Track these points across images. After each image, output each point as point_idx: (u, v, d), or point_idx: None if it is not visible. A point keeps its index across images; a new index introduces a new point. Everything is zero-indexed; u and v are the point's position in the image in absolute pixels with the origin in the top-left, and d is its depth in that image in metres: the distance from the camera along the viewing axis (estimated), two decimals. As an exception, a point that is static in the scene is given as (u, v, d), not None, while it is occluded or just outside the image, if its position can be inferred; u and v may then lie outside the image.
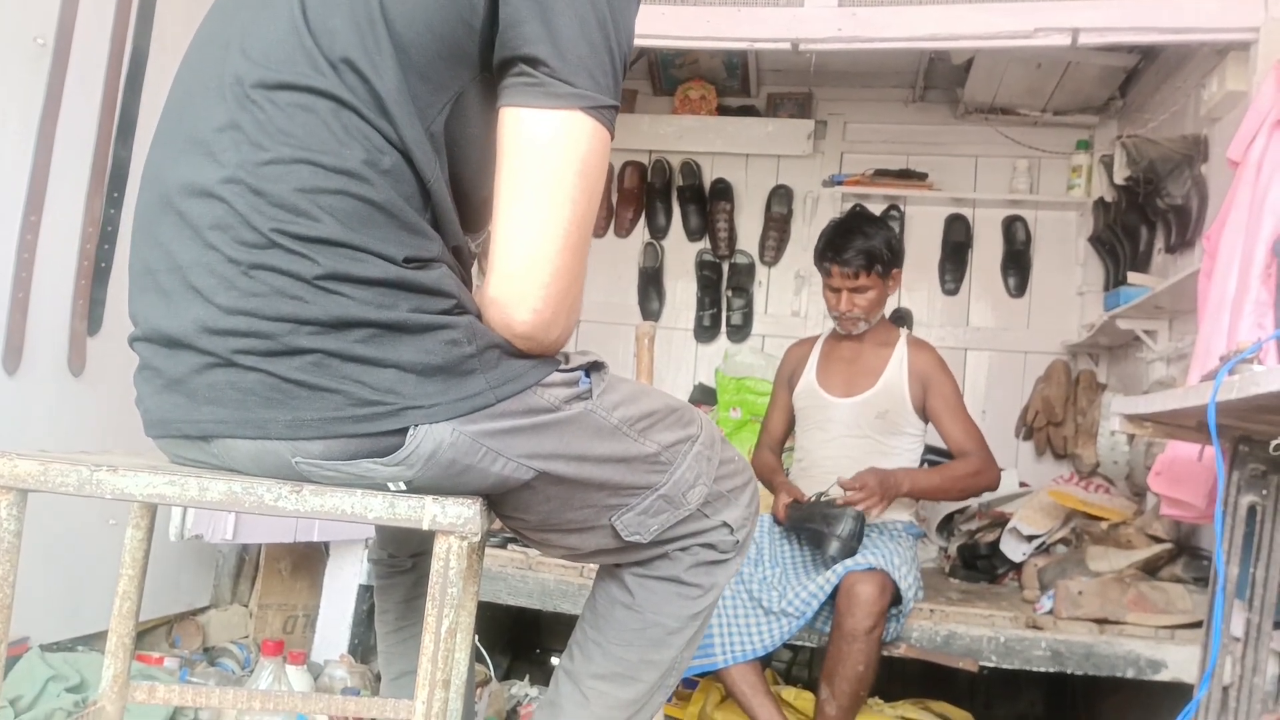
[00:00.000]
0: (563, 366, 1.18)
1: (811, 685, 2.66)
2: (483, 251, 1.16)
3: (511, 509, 1.24)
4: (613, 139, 1.11)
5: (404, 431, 1.07)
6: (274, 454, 1.10)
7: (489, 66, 1.09)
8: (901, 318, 4.24)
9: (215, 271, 1.06)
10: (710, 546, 1.33)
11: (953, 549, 3.40)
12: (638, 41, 3.40)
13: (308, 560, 3.01)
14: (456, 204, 1.14)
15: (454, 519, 1.10)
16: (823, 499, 2.63)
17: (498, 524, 1.29)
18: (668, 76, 4.48)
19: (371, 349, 1.05)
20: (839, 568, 2.45)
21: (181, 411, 1.12)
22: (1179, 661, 2.42)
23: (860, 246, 2.72)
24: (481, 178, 1.16)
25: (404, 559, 1.60)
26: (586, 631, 1.36)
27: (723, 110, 4.48)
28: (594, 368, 1.22)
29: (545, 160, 1.06)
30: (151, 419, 1.17)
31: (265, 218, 1.04)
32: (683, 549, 1.32)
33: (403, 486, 1.11)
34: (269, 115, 1.05)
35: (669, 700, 2.11)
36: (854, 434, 2.81)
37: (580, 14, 1.05)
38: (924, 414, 2.83)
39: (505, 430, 1.12)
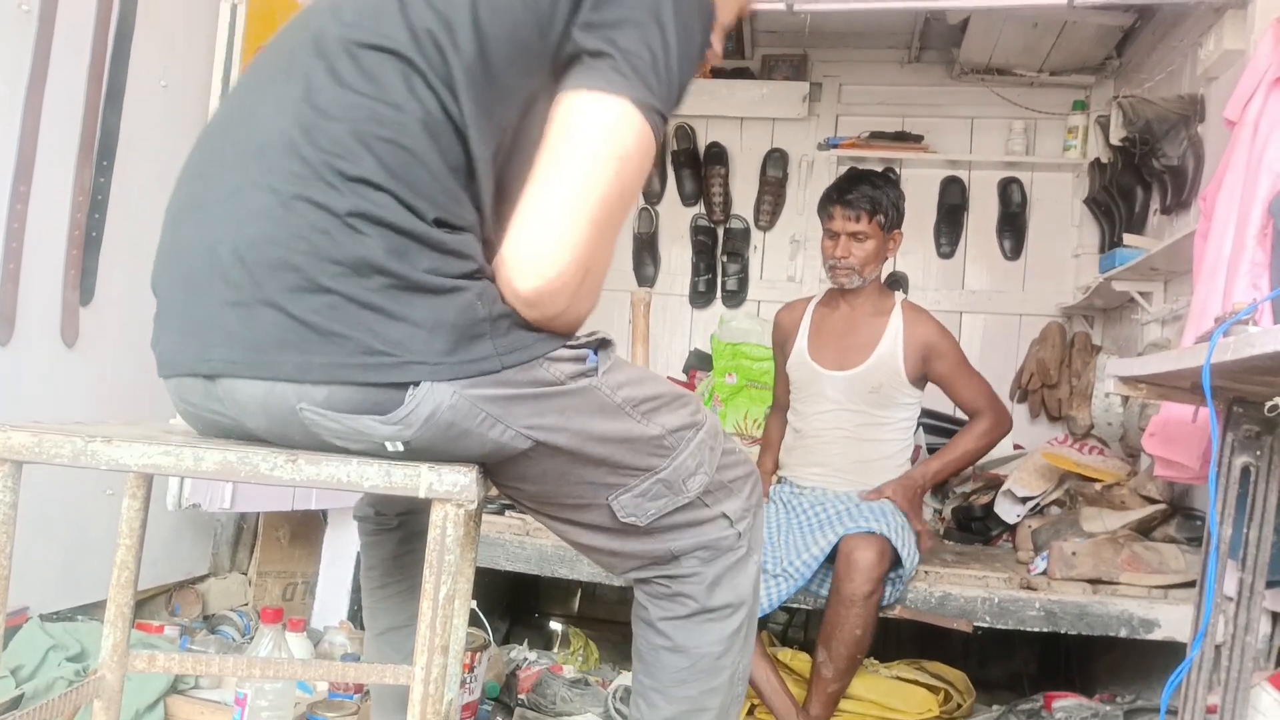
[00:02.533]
0: (571, 343, 1.19)
1: (808, 646, 2.69)
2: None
3: (509, 479, 1.25)
4: (656, 149, 1.16)
5: (405, 389, 1.09)
6: (280, 398, 1.11)
7: (558, 74, 1.15)
8: (897, 281, 4.23)
9: (255, 202, 1.10)
10: (709, 549, 1.35)
11: (947, 511, 3.42)
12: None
13: (306, 528, 3.02)
14: (497, 202, 1.17)
15: (450, 487, 1.10)
16: None
17: (495, 491, 1.30)
18: (661, 39, 4.44)
19: (387, 300, 1.07)
20: (839, 529, 2.46)
21: (194, 350, 1.15)
22: (1172, 621, 2.44)
23: (867, 192, 2.70)
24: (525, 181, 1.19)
25: (390, 517, 1.61)
26: (642, 681, 1.40)
27: (716, 73, 4.43)
28: (602, 345, 1.23)
29: (588, 140, 1.10)
30: (165, 359, 1.21)
31: (317, 151, 1.08)
32: (684, 551, 1.33)
33: (399, 447, 1.12)
34: (344, 65, 1.11)
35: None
36: (847, 407, 2.77)
37: (647, 29, 1.12)
38: (921, 383, 2.81)
39: (507, 397, 1.13)
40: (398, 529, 1.60)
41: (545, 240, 1.09)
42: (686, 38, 1.15)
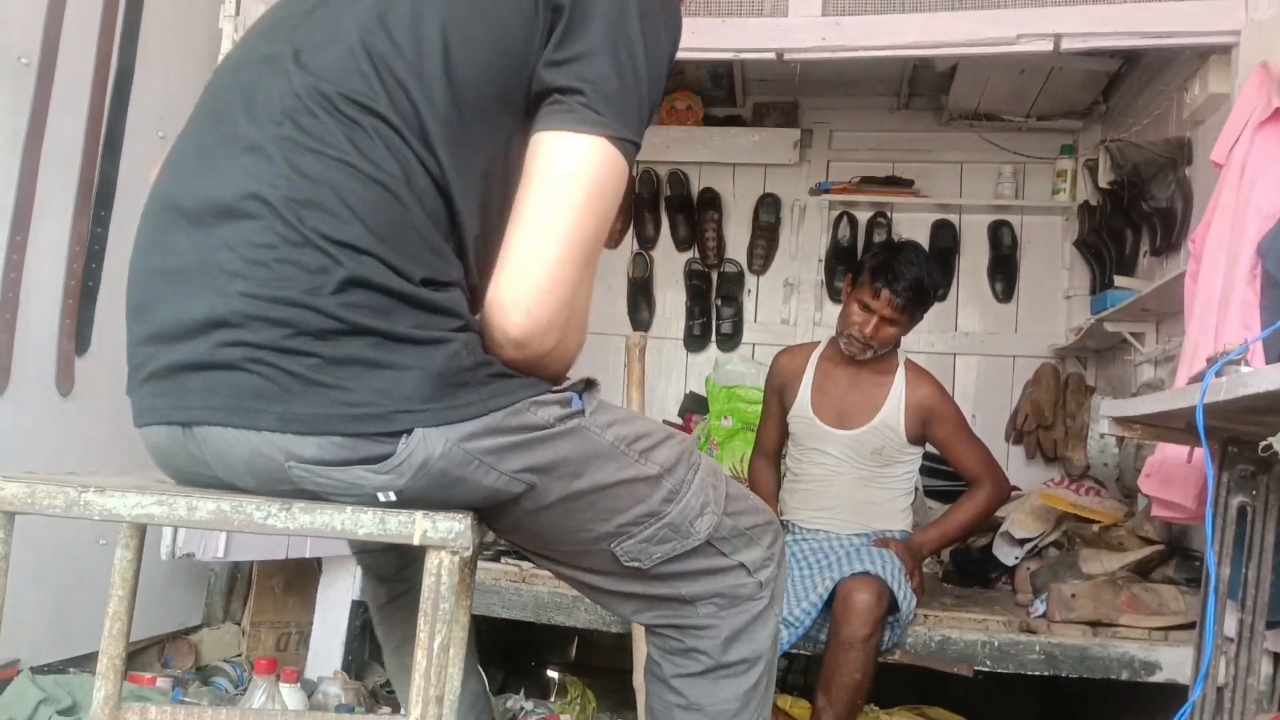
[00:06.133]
0: (555, 387, 1.18)
1: (807, 692, 2.66)
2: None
3: (505, 526, 1.24)
4: (628, 174, 1.16)
5: (396, 439, 1.07)
6: (267, 458, 1.09)
7: (532, 111, 1.15)
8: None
9: (235, 264, 1.07)
10: (726, 596, 1.31)
11: (945, 554, 3.40)
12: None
13: (300, 577, 2.99)
14: (482, 248, 1.16)
15: (445, 534, 1.10)
16: None
17: (492, 536, 1.29)
18: (654, 87, 4.49)
19: (373, 352, 1.06)
20: (836, 573, 2.45)
21: (171, 399, 1.11)
22: (1173, 663, 2.43)
23: (921, 284, 2.61)
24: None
25: (398, 582, 1.59)
26: None
27: (709, 120, 4.49)
28: (587, 386, 1.22)
29: (563, 179, 1.11)
30: (140, 407, 1.17)
31: (301, 214, 1.06)
32: (698, 596, 1.30)
33: (392, 497, 1.11)
34: (320, 122, 1.08)
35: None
36: (849, 462, 2.76)
37: (615, 57, 1.12)
38: (921, 442, 2.79)
39: (499, 445, 1.12)
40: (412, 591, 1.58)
41: (529, 281, 1.09)
42: (655, 56, 1.17)
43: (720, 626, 1.31)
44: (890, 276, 2.60)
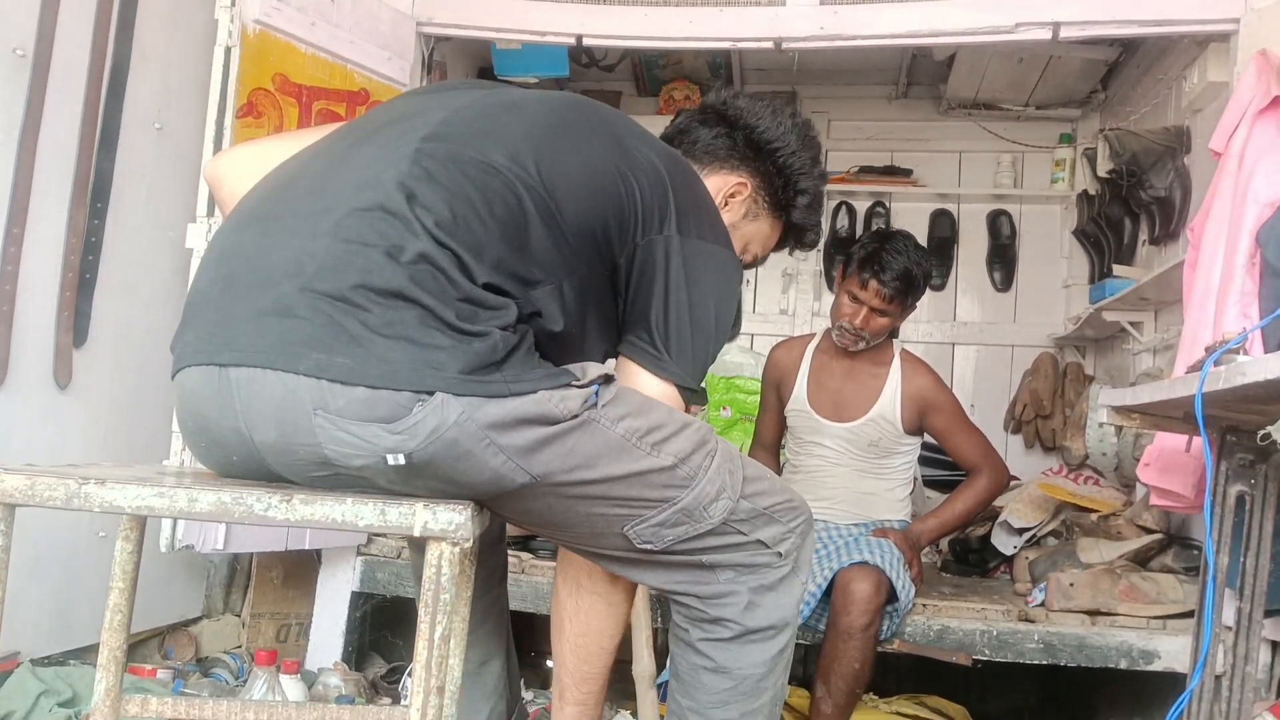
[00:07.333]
0: (576, 382, 1.22)
1: (806, 682, 2.66)
2: None
3: (513, 513, 1.27)
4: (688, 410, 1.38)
5: (415, 402, 1.12)
6: (298, 403, 1.13)
7: (612, 268, 1.33)
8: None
9: (327, 225, 1.18)
10: (746, 565, 1.35)
11: (944, 543, 3.40)
12: (619, 44, 3.39)
13: (300, 568, 3.00)
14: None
15: (445, 525, 1.10)
16: None
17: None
18: (651, 78, 4.48)
19: (418, 325, 1.14)
20: (835, 563, 2.45)
21: (220, 339, 1.18)
22: (1171, 651, 2.43)
23: (909, 274, 2.59)
24: (572, 324, 1.30)
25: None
26: (679, 700, 1.40)
27: (707, 110, 4.47)
28: (606, 380, 1.25)
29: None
30: (185, 350, 1.23)
31: (411, 203, 1.18)
32: (717, 564, 1.34)
33: (401, 460, 1.13)
34: (458, 153, 1.25)
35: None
36: (847, 453, 2.77)
37: (695, 336, 1.33)
38: (919, 433, 2.80)
39: (511, 429, 1.15)
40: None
41: None
42: (724, 326, 1.38)
43: (740, 592, 1.35)
44: (878, 267, 2.59)
